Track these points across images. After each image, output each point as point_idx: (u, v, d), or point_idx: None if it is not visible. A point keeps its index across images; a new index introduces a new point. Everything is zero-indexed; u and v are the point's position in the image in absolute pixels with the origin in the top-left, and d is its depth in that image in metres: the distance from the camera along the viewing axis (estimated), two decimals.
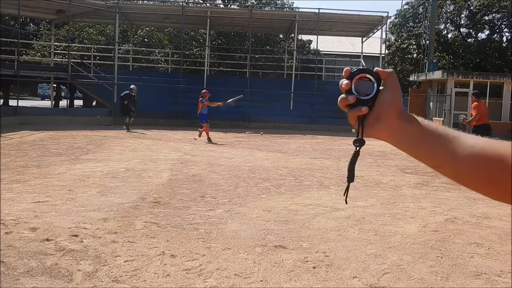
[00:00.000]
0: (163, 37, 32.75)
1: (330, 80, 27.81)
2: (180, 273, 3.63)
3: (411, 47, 35.19)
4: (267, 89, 22.91)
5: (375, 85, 0.80)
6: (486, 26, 31.99)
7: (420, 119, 0.82)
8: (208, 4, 33.16)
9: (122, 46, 30.21)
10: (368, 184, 7.80)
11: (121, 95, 17.90)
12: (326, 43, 37.87)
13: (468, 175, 0.80)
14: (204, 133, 14.18)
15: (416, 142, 0.81)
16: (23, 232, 4.47)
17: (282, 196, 6.64)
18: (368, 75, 0.80)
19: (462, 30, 33.51)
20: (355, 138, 0.83)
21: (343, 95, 0.82)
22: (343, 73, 0.83)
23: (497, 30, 32.47)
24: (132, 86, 17.92)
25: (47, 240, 4.26)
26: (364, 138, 0.83)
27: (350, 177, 0.86)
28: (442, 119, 22.77)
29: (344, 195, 0.85)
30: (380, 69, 0.81)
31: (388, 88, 0.81)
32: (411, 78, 26.87)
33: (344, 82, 0.81)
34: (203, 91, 15.05)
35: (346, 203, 0.98)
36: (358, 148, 0.84)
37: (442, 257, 4.23)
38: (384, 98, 0.80)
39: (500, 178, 0.75)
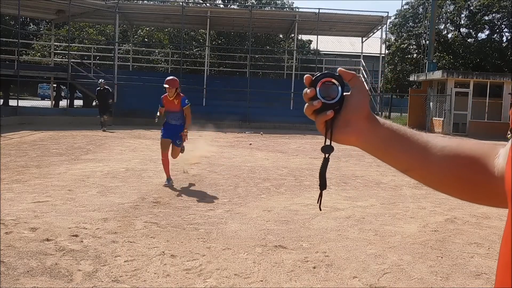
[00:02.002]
0: (163, 37, 32.75)
1: None
2: (180, 273, 3.63)
3: (411, 47, 35.19)
4: (267, 89, 22.91)
5: (340, 88, 0.79)
6: (486, 26, 31.99)
7: (388, 122, 0.80)
8: (208, 4, 33.16)
9: (122, 46, 30.21)
10: (368, 184, 7.80)
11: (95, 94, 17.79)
12: (326, 43, 37.89)
13: (440, 177, 0.79)
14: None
15: (386, 145, 0.79)
16: (23, 232, 4.47)
17: (282, 196, 6.64)
18: (331, 79, 0.79)
19: (462, 30, 33.51)
20: (323, 145, 0.81)
21: (309, 103, 0.79)
22: (305, 81, 0.80)
23: (497, 30, 32.48)
24: (99, 80, 17.56)
25: (47, 240, 4.26)
26: (333, 145, 0.81)
27: (322, 185, 0.84)
28: (442, 119, 22.78)
29: (317, 202, 0.83)
30: (344, 69, 0.79)
31: (354, 91, 0.79)
32: (411, 78, 26.88)
33: (307, 90, 0.79)
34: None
35: (320, 210, 0.95)
36: (327, 155, 0.82)
37: (442, 257, 4.23)
38: (352, 101, 0.78)
39: (474, 179, 0.75)
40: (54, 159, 9.34)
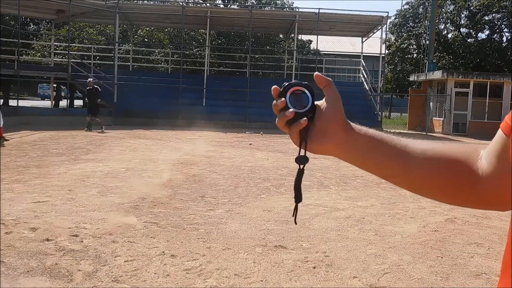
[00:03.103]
0: (163, 37, 32.75)
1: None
2: (180, 273, 3.63)
3: (411, 47, 35.21)
4: (267, 89, 22.76)
5: (310, 95, 0.77)
6: (486, 26, 32.00)
7: (364, 128, 0.78)
8: (208, 4, 33.16)
9: (122, 46, 30.22)
10: (368, 184, 7.80)
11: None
12: (326, 43, 37.89)
13: (423, 181, 0.78)
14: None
15: (365, 152, 0.77)
16: (23, 232, 4.47)
17: (282, 196, 6.64)
18: (300, 88, 0.77)
19: (462, 30, 33.52)
20: (297, 156, 0.78)
21: (280, 115, 0.76)
22: (272, 92, 0.78)
23: (497, 30, 32.48)
24: (88, 79, 17.28)
25: (47, 240, 4.26)
26: (308, 156, 0.78)
27: (297, 197, 0.82)
28: (442, 119, 22.78)
29: (293, 215, 0.80)
30: (320, 75, 0.76)
31: (330, 99, 0.76)
32: (411, 78, 26.88)
33: (278, 101, 0.76)
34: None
35: (296, 223, 0.90)
36: (302, 167, 0.79)
37: (442, 257, 4.23)
38: (327, 110, 0.76)
39: (458, 182, 0.75)
40: (54, 159, 9.34)
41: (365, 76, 24.77)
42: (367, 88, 24.07)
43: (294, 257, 4.07)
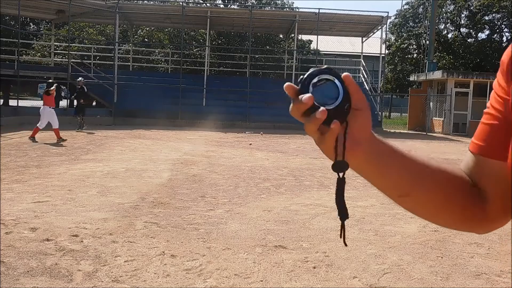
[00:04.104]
0: (163, 37, 32.76)
1: None
2: (180, 273, 3.63)
3: (411, 47, 35.22)
4: (267, 89, 22.91)
5: (338, 82, 0.61)
6: (486, 26, 32.02)
7: (382, 138, 0.69)
8: (208, 4, 33.18)
9: (122, 46, 30.22)
10: (368, 184, 7.72)
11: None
12: (326, 43, 37.88)
13: (440, 202, 0.72)
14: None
15: (385, 162, 0.68)
16: (23, 232, 4.47)
17: (282, 196, 6.64)
18: (323, 76, 0.61)
19: (462, 30, 33.54)
20: (335, 161, 0.63)
21: (307, 119, 0.60)
22: (287, 91, 0.61)
23: (497, 30, 32.50)
24: (78, 79, 17.02)
25: (47, 240, 4.26)
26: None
27: (343, 213, 0.67)
28: (442, 119, 22.78)
29: (340, 236, 0.67)
30: (350, 76, 0.63)
31: (359, 103, 0.63)
32: (411, 78, 26.89)
33: (303, 97, 0.59)
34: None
35: (346, 245, 0.76)
36: (342, 175, 0.64)
37: (442, 257, 4.23)
38: (358, 119, 0.63)
39: (472, 200, 0.72)
40: (54, 159, 9.34)
41: (365, 76, 24.76)
42: (367, 88, 24.06)
43: (294, 257, 4.06)
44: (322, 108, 0.59)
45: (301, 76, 0.62)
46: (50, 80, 14.41)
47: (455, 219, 0.75)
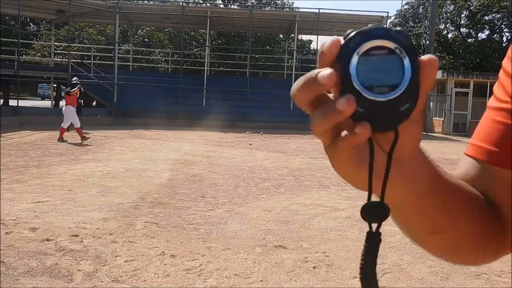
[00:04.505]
0: (163, 37, 32.76)
1: None
2: (180, 273, 3.63)
3: None
4: (267, 89, 22.92)
5: (407, 60, 0.36)
6: (486, 26, 32.03)
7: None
8: (208, 4, 33.18)
9: (122, 46, 30.22)
10: None
11: None
12: None
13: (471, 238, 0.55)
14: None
15: (430, 198, 0.50)
16: (23, 232, 4.47)
17: (282, 196, 6.64)
18: (383, 42, 0.36)
19: (462, 30, 33.55)
20: (366, 202, 0.41)
21: (321, 110, 0.38)
22: (327, 50, 0.37)
23: (497, 30, 32.51)
24: (73, 79, 16.96)
25: (47, 240, 4.26)
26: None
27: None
28: (442, 119, 22.78)
29: None
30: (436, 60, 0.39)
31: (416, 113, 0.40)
32: None
33: (326, 72, 0.36)
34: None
35: None
36: (377, 227, 0.42)
37: None
38: (409, 128, 0.40)
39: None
40: (54, 159, 9.34)
41: None
42: None
43: (294, 257, 4.07)
44: (362, 92, 0.36)
45: (348, 32, 0.38)
46: (74, 81, 14.38)
47: (489, 251, 0.58)
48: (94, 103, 26.94)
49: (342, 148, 0.40)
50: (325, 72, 0.36)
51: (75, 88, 13.19)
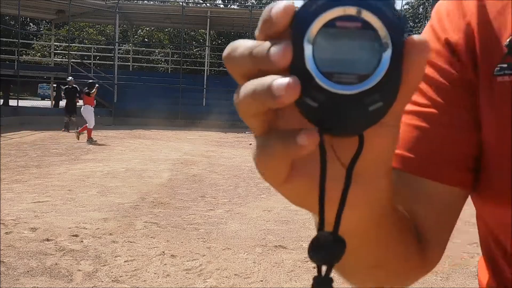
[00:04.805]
0: (163, 37, 32.78)
1: None
2: (180, 273, 3.63)
3: None
4: None
5: (386, 41, 0.26)
6: None
7: None
8: (208, 4, 33.19)
9: (122, 46, 30.23)
10: None
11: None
12: None
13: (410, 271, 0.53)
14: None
15: (387, 224, 0.42)
16: (23, 232, 4.48)
17: (282, 196, 6.63)
18: (356, 10, 0.25)
19: None
20: (317, 234, 0.30)
21: (262, 82, 0.27)
22: (274, 14, 0.26)
23: None
24: (68, 78, 16.77)
25: (47, 240, 4.26)
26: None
27: None
28: None
29: None
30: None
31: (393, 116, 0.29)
32: None
33: (283, 82, 0.25)
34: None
35: None
36: (327, 272, 0.29)
37: (442, 257, 4.23)
38: (380, 134, 0.30)
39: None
40: (54, 159, 9.34)
41: None
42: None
43: (294, 257, 4.07)
44: (323, 84, 0.26)
45: None
46: (91, 81, 14.43)
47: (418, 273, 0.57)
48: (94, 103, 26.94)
49: (276, 154, 0.28)
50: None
51: (94, 89, 13.25)
